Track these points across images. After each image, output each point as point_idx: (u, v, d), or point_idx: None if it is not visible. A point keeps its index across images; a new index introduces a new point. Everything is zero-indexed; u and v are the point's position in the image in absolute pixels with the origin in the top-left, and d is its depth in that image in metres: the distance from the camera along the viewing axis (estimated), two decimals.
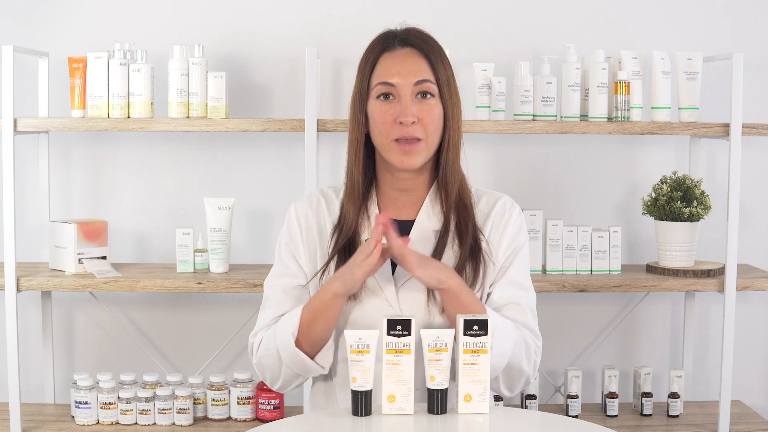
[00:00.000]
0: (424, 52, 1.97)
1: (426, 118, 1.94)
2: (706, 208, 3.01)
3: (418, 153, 1.94)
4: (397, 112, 1.93)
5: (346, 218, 2.01)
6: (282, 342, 1.94)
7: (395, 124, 1.93)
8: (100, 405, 2.96)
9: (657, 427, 3.02)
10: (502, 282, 1.99)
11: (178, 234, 2.98)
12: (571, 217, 3.19)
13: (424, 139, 1.94)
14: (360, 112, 1.99)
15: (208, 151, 3.20)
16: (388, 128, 1.94)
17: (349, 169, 2.02)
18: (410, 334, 1.80)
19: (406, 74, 1.95)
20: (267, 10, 3.17)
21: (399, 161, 1.95)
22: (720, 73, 3.13)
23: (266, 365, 1.99)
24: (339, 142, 3.15)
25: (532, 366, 1.98)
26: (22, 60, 3.09)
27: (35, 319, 3.20)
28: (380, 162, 2.02)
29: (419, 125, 1.93)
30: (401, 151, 1.94)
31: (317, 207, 2.06)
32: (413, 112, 1.93)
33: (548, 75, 2.94)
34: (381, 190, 2.04)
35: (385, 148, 1.95)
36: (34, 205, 3.16)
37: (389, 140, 1.94)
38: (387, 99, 1.96)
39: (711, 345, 3.31)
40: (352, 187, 2.01)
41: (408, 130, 1.93)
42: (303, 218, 2.06)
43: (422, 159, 1.96)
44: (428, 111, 1.94)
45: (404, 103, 1.93)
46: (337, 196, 2.07)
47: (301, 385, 2.04)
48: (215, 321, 3.23)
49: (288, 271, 2.04)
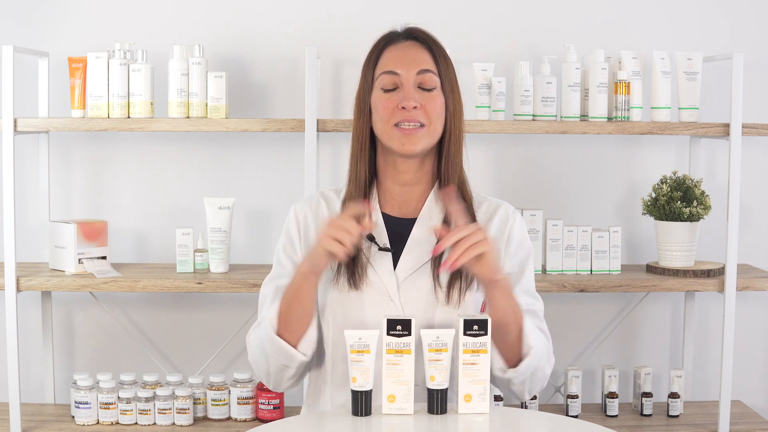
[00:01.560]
0: (427, 45, 2.01)
1: (428, 106, 1.96)
2: (706, 208, 3.01)
3: (419, 138, 1.96)
4: (400, 98, 1.96)
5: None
6: (264, 333, 1.94)
7: (397, 110, 1.95)
8: (100, 405, 2.96)
9: (657, 427, 3.02)
10: (515, 291, 1.99)
11: (178, 234, 2.98)
12: (571, 217, 3.19)
13: (427, 125, 1.96)
14: (364, 104, 2.01)
15: (208, 151, 3.20)
16: (389, 114, 1.96)
17: (354, 163, 2.03)
18: (410, 334, 1.80)
19: (410, 63, 1.97)
20: (267, 10, 3.17)
21: (399, 145, 1.96)
22: (720, 73, 3.13)
23: (255, 360, 2.01)
24: (339, 142, 3.15)
25: (550, 369, 2.01)
26: (22, 60, 3.09)
27: (35, 319, 3.20)
28: (382, 157, 2.03)
29: (421, 111, 1.96)
30: (402, 135, 1.95)
31: (317, 208, 2.07)
32: (415, 98, 1.95)
33: (548, 75, 2.94)
34: (383, 187, 2.04)
35: (387, 133, 1.97)
36: (34, 205, 3.16)
37: (390, 125, 1.96)
38: (391, 91, 1.98)
39: (711, 345, 3.31)
40: (356, 180, 2.02)
41: (410, 114, 1.95)
42: (302, 219, 2.07)
43: (423, 144, 1.97)
44: (431, 99, 1.97)
45: (407, 89, 1.96)
46: (338, 197, 2.07)
47: (297, 383, 2.03)
48: (215, 321, 3.23)
49: (284, 272, 2.04)
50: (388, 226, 2.02)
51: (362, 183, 2.01)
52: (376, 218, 2.01)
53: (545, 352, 1.98)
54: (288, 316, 1.93)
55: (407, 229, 2.00)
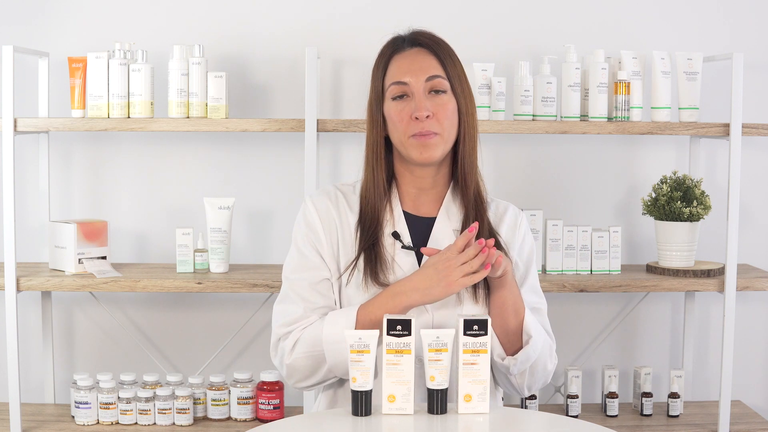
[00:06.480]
0: (432, 50, 2.02)
1: (440, 113, 1.98)
2: (706, 208, 3.01)
3: (435, 146, 1.98)
4: (412, 108, 1.98)
5: (370, 215, 2.02)
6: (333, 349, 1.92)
7: (411, 121, 1.97)
8: (100, 405, 2.96)
9: (657, 427, 3.02)
10: (523, 289, 2.05)
11: (178, 234, 2.98)
12: (571, 217, 3.19)
13: (440, 133, 1.98)
14: (378, 114, 2.03)
15: (208, 151, 3.20)
16: (405, 125, 1.98)
17: (370, 171, 2.04)
18: (410, 334, 1.80)
19: (417, 72, 1.99)
20: (267, 10, 3.17)
21: (418, 154, 1.98)
22: (720, 73, 3.13)
23: (304, 367, 1.97)
24: (339, 142, 3.15)
25: (552, 366, 2.04)
26: (22, 60, 3.09)
27: (35, 319, 3.20)
28: (399, 162, 2.06)
29: (434, 120, 1.98)
30: (419, 145, 1.98)
31: (336, 201, 2.07)
32: (427, 107, 1.97)
33: (548, 75, 2.94)
34: (401, 188, 2.07)
35: (404, 144, 1.99)
36: (34, 205, 3.16)
37: (407, 137, 1.98)
38: (402, 99, 2.00)
39: (711, 345, 3.31)
40: (375, 188, 2.03)
41: (423, 125, 1.97)
42: (324, 211, 2.06)
43: (440, 152, 1.99)
44: (442, 106, 1.99)
45: (418, 99, 1.98)
46: (354, 193, 2.08)
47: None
48: (215, 321, 3.23)
49: (311, 264, 2.02)
50: (408, 224, 2.04)
51: (381, 190, 2.03)
52: (398, 216, 2.04)
53: (546, 346, 2.01)
54: None
55: (425, 228, 2.04)
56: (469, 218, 2.02)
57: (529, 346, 1.95)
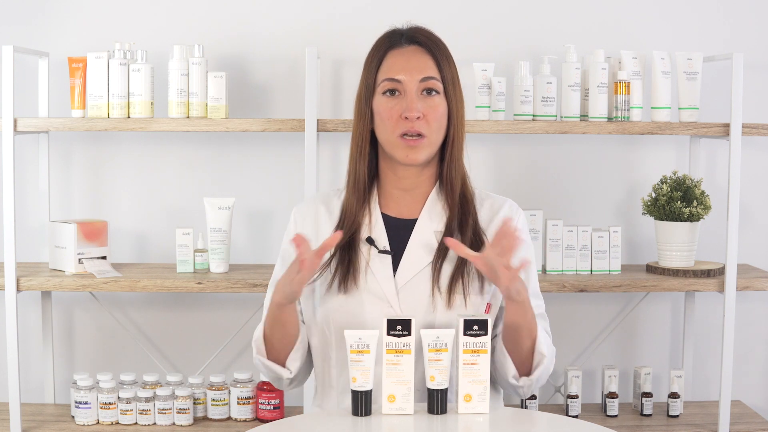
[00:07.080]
0: (430, 50, 1.99)
1: (430, 115, 1.96)
2: (706, 208, 3.01)
3: (422, 148, 1.96)
4: (403, 107, 1.95)
5: (347, 215, 2.01)
6: (254, 353, 2.01)
7: (401, 120, 1.95)
8: (100, 405, 2.96)
9: (657, 427, 3.02)
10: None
11: (178, 234, 2.98)
12: (571, 217, 3.19)
13: (428, 136, 1.96)
14: (366, 107, 2.01)
15: (208, 151, 3.20)
16: (393, 124, 1.96)
17: (353, 165, 2.03)
18: (410, 334, 1.80)
19: (412, 71, 1.97)
20: (267, 10, 3.17)
21: (404, 156, 1.96)
22: (720, 73, 3.13)
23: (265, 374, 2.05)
24: (339, 142, 3.15)
25: (552, 367, 2.02)
26: (22, 60, 3.09)
27: (35, 319, 3.20)
28: (383, 160, 2.03)
29: (423, 121, 1.95)
30: (406, 146, 1.96)
31: (316, 211, 2.07)
32: (419, 108, 1.95)
33: (548, 75, 2.94)
34: (383, 188, 2.05)
35: (391, 143, 1.97)
36: (34, 205, 3.16)
37: (395, 136, 1.96)
38: (393, 95, 1.97)
39: (711, 345, 3.31)
40: (355, 183, 2.02)
41: (412, 125, 1.94)
42: (300, 221, 2.08)
43: (426, 154, 1.97)
44: (433, 108, 1.96)
45: (410, 98, 1.95)
46: (338, 198, 2.07)
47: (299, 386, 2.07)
48: (215, 321, 3.23)
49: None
50: (388, 228, 2.02)
51: (361, 186, 2.02)
52: (376, 220, 2.01)
53: (553, 354, 1.99)
54: (272, 339, 1.98)
55: (407, 230, 2.00)
56: (453, 219, 2.00)
57: (543, 366, 1.93)
